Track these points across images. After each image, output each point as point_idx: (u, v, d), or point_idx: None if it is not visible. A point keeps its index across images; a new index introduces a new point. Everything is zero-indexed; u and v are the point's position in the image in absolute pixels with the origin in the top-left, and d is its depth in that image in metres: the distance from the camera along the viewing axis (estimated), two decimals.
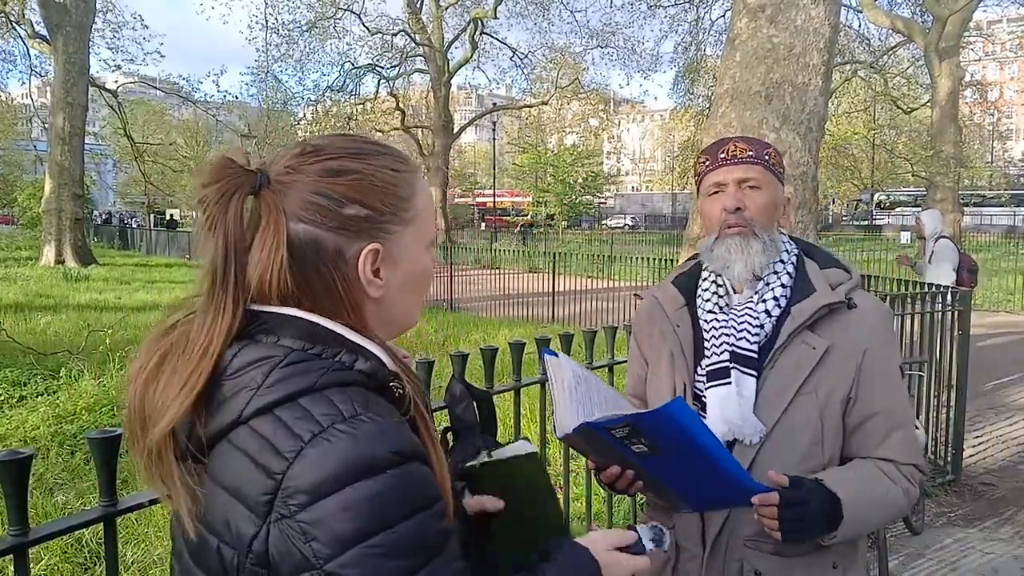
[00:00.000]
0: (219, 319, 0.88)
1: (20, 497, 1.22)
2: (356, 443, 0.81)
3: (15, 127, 43.80)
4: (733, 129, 5.75)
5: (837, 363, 1.48)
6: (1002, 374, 7.99)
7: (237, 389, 0.86)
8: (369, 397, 0.87)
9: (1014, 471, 5.30)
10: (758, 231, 1.52)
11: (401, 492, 0.82)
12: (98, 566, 3.36)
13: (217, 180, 0.90)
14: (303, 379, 0.85)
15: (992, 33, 47.31)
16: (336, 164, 0.93)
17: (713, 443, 1.23)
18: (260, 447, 0.82)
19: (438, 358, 2.90)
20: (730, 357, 1.50)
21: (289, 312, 0.90)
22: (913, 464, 1.51)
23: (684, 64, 30.35)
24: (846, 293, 1.52)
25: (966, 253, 7.47)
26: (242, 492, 0.83)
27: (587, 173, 43.42)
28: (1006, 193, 47.04)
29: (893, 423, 1.50)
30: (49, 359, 7.36)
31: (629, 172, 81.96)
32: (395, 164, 0.97)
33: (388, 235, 0.94)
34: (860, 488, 1.43)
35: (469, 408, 1.34)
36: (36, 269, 18.37)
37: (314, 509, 0.79)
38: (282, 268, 0.89)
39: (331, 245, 0.91)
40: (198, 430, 0.86)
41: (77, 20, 20.30)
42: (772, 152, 1.58)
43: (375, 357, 0.91)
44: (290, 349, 0.88)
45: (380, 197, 0.94)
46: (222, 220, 0.89)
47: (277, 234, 0.89)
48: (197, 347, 0.87)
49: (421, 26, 31.61)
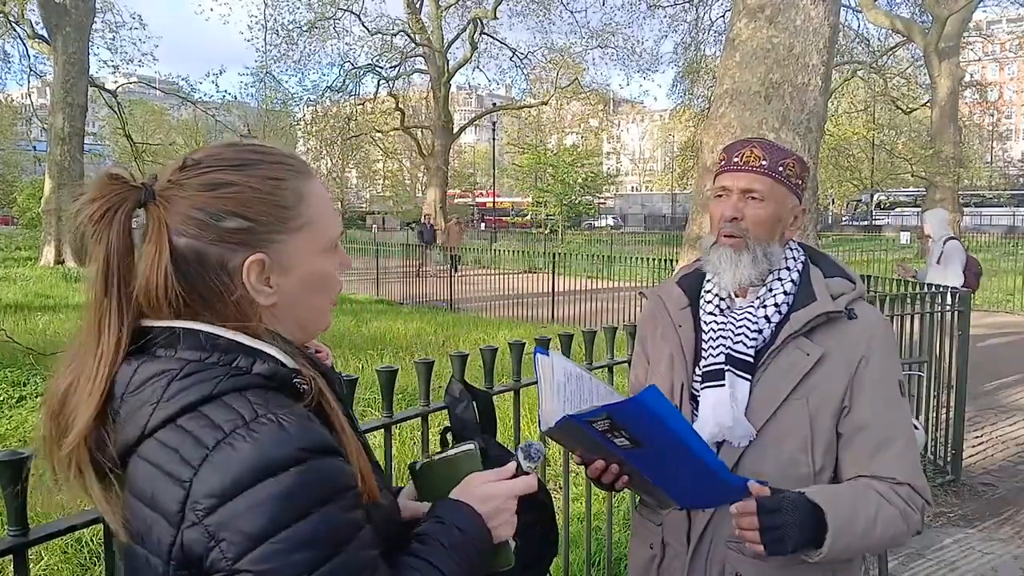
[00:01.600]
0: (108, 332, 0.91)
1: (20, 497, 1.22)
2: (258, 444, 0.84)
3: (14, 127, 43.79)
4: (733, 129, 5.75)
5: (831, 371, 1.48)
6: (1002, 374, 7.99)
7: (140, 404, 0.88)
8: (269, 397, 0.89)
9: (1014, 471, 5.30)
10: (751, 243, 1.53)
11: (306, 487, 0.84)
12: (98, 566, 3.36)
13: (102, 196, 0.93)
14: (201, 388, 0.88)
15: (992, 33, 47.31)
16: (214, 177, 0.94)
17: (687, 432, 1.24)
18: (168, 458, 0.85)
19: (438, 358, 2.90)
20: (725, 360, 1.52)
21: (183, 325, 0.92)
22: (909, 484, 1.46)
23: (684, 64, 30.37)
24: (847, 303, 1.52)
25: (973, 256, 7.42)
26: (157, 502, 0.86)
27: (587, 173, 43.39)
28: (1006, 193, 47.07)
29: (885, 437, 1.47)
30: (49, 359, 7.34)
31: (629, 172, 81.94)
32: (278, 173, 0.97)
33: (272, 244, 0.95)
34: (847, 502, 1.39)
35: (469, 408, 1.34)
36: (36, 269, 18.36)
37: (220, 512, 0.82)
38: (167, 280, 0.91)
39: (214, 258, 0.93)
40: (109, 448, 0.89)
41: (76, 20, 20.28)
42: (791, 162, 1.56)
43: (271, 358, 0.93)
44: (187, 360, 0.90)
45: (259, 208, 0.94)
46: (106, 234, 0.92)
47: (160, 247, 0.91)
48: (93, 362, 0.91)
49: (421, 26, 31.61)
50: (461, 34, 32.97)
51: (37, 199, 26.20)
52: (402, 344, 9.00)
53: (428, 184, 34.56)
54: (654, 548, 1.62)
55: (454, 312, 13.03)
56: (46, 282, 15.41)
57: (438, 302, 14.11)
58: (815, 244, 5.84)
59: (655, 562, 1.62)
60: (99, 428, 0.90)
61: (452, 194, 45.84)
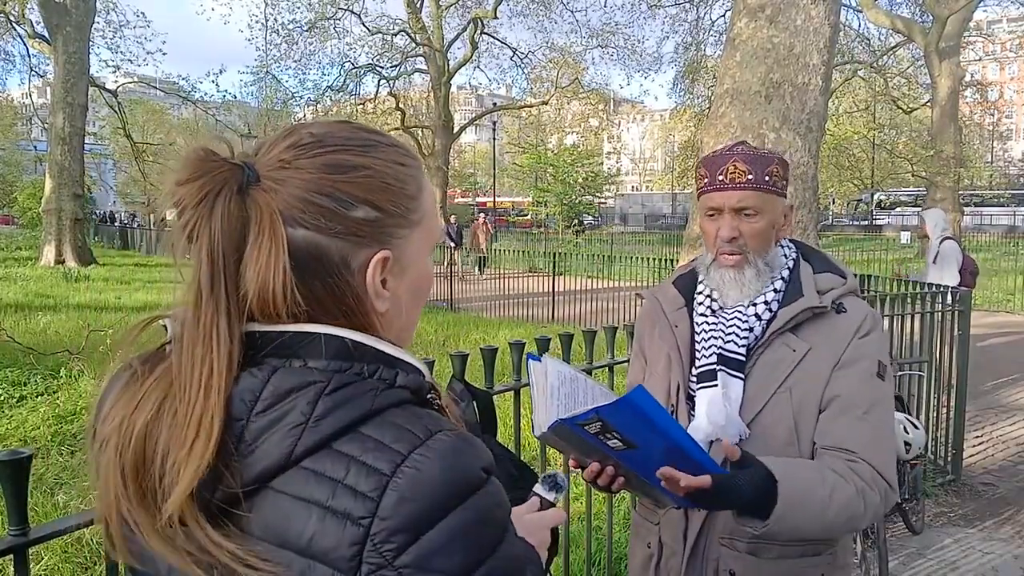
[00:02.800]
0: (215, 346, 0.73)
1: (20, 497, 1.22)
2: (445, 466, 0.70)
3: (15, 127, 43.79)
4: (733, 129, 5.75)
5: (816, 365, 1.49)
6: (1002, 374, 7.99)
7: (276, 427, 0.71)
8: (423, 413, 0.76)
9: (1014, 471, 5.30)
10: (752, 257, 1.54)
11: (493, 511, 0.73)
12: (98, 566, 3.37)
13: (197, 177, 0.75)
14: (358, 404, 0.73)
15: (992, 33, 47.32)
16: (340, 158, 0.78)
17: (677, 431, 1.25)
18: (330, 491, 0.69)
19: (438, 358, 2.90)
20: (717, 359, 1.54)
21: (309, 329, 0.76)
22: (870, 464, 1.42)
23: (684, 64, 30.36)
24: (835, 298, 1.53)
25: (969, 255, 7.45)
26: (317, 548, 0.69)
27: (587, 173, 43.39)
28: (1006, 193, 47.02)
29: (850, 405, 1.46)
30: (49, 359, 7.36)
31: (629, 172, 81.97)
32: (402, 158, 0.84)
33: (397, 240, 0.81)
34: (803, 478, 1.35)
35: (469, 408, 1.34)
36: (36, 269, 18.37)
37: (415, 549, 0.68)
38: (286, 281, 0.74)
39: (336, 253, 0.77)
40: (227, 481, 0.70)
41: (77, 20, 20.28)
42: (774, 169, 1.54)
43: (415, 369, 0.80)
44: (330, 372, 0.74)
45: (390, 197, 0.80)
46: (206, 226, 0.74)
47: (275, 241, 0.74)
48: (195, 384, 0.72)
49: (421, 26, 31.60)
50: (461, 34, 32.96)
51: (37, 199, 26.20)
52: None
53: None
54: (652, 547, 1.64)
55: (454, 312, 13.04)
56: (46, 282, 15.41)
57: (438, 302, 14.12)
58: (815, 244, 5.84)
59: (653, 561, 1.63)
60: (217, 459, 0.70)
61: (452, 193, 45.83)
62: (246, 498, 0.71)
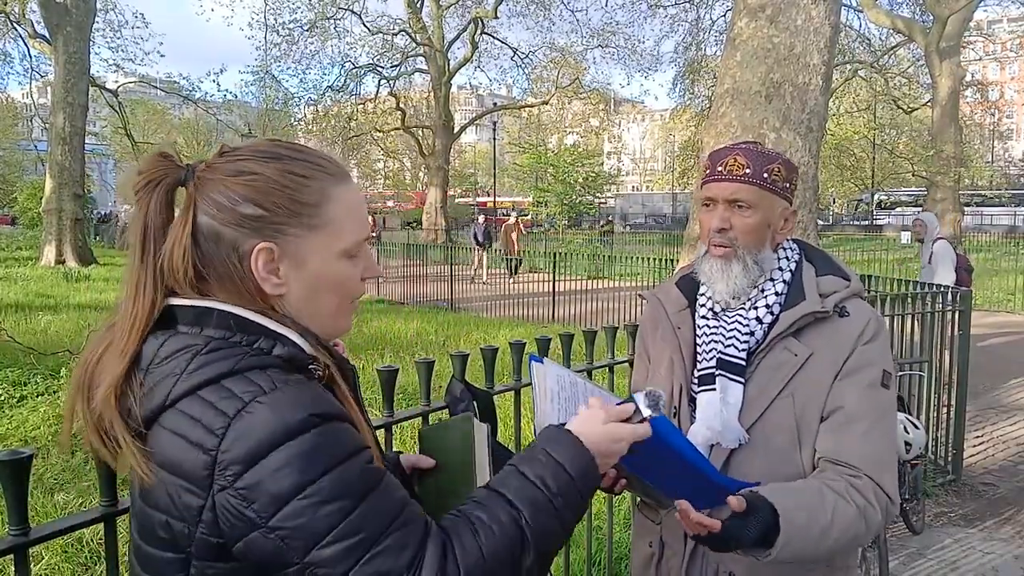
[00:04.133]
0: (142, 296, 0.97)
1: (20, 497, 1.22)
2: (277, 410, 0.89)
3: (15, 127, 43.81)
4: (733, 129, 5.75)
5: (818, 370, 1.47)
6: (1002, 374, 7.98)
7: (164, 375, 0.93)
8: (288, 375, 0.94)
9: (1014, 471, 5.29)
10: (740, 252, 1.52)
11: (325, 446, 0.90)
12: (98, 566, 3.37)
13: (148, 169, 0.99)
14: (224, 363, 0.93)
15: (992, 33, 47.31)
16: (243, 165, 0.99)
17: (675, 436, 1.24)
18: (191, 427, 0.90)
19: (438, 358, 2.90)
20: (716, 364, 1.52)
21: (209, 304, 0.98)
22: (872, 479, 1.41)
23: (684, 64, 30.36)
24: (838, 302, 1.51)
25: (961, 254, 7.55)
26: (183, 469, 0.90)
27: (587, 173, 43.37)
28: (1006, 193, 47.00)
29: (853, 418, 1.45)
30: (49, 359, 7.36)
31: (630, 172, 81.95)
32: (305, 171, 1.01)
33: (284, 236, 0.99)
34: (804, 504, 1.35)
35: (469, 408, 1.35)
36: (36, 269, 18.36)
37: (248, 476, 0.87)
38: (185, 253, 0.97)
39: (228, 239, 0.98)
40: (135, 412, 0.93)
41: (77, 20, 20.28)
42: (776, 167, 1.52)
43: (291, 342, 0.98)
44: (211, 338, 0.96)
45: (276, 199, 0.98)
46: (145, 205, 0.98)
47: (184, 222, 0.97)
48: (127, 323, 0.97)
49: (422, 26, 31.61)
50: (462, 34, 32.97)
51: (38, 199, 26.21)
52: (403, 344, 9.00)
53: (429, 184, 34.59)
54: (653, 546, 1.63)
55: (455, 312, 13.04)
56: (47, 282, 15.41)
57: (439, 302, 14.12)
58: (816, 244, 5.84)
59: (654, 560, 1.63)
60: (127, 393, 0.94)
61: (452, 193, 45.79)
62: (147, 428, 0.93)
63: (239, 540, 0.89)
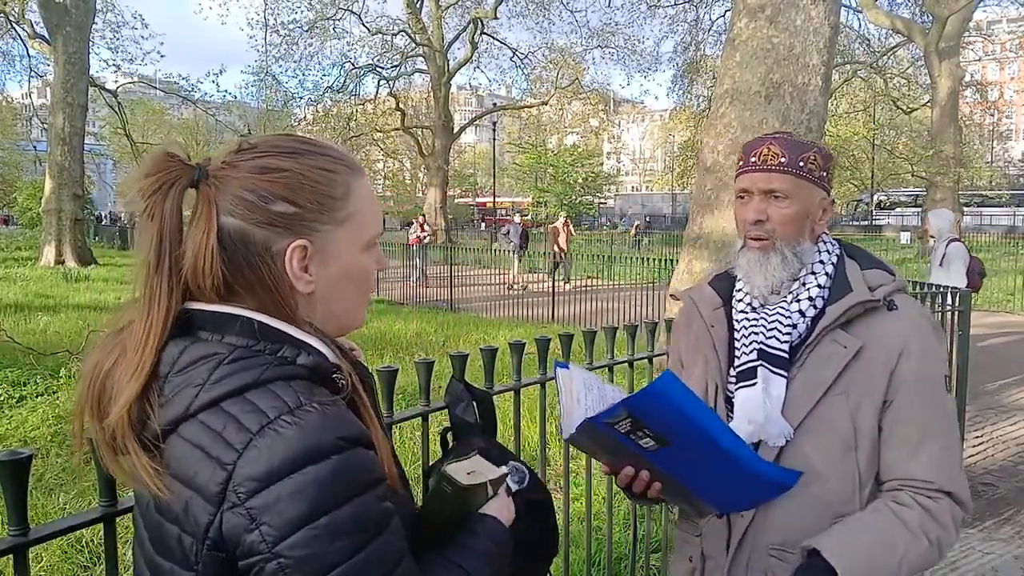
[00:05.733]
0: (157, 306, 0.92)
1: (20, 497, 1.21)
2: (302, 432, 0.85)
3: (15, 127, 43.76)
4: (733, 129, 5.75)
5: (870, 364, 1.41)
6: (1003, 374, 7.98)
7: (184, 385, 0.89)
8: (313, 388, 0.91)
9: (1014, 471, 5.29)
10: (779, 244, 1.48)
11: (345, 475, 0.86)
12: (98, 566, 3.36)
13: (157, 171, 0.93)
14: (248, 374, 0.89)
15: (992, 33, 47.30)
16: (267, 162, 0.96)
17: (709, 419, 1.21)
18: (212, 440, 0.86)
19: (438, 358, 2.90)
20: (758, 355, 1.46)
21: (231, 311, 0.94)
22: (945, 492, 1.37)
23: (683, 64, 30.37)
24: (886, 295, 1.46)
25: (976, 257, 7.44)
26: (197, 483, 0.86)
27: (587, 173, 43.40)
28: (1006, 193, 47.01)
29: (925, 436, 1.39)
30: (49, 359, 7.36)
31: (629, 172, 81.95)
32: (329, 164, 0.99)
33: (316, 232, 0.97)
34: (867, 552, 1.30)
35: (469, 408, 1.34)
36: (36, 269, 18.35)
37: (263, 495, 0.83)
38: (213, 259, 0.92)
39: (259, 240, 0.94)
40: (152, 424, 0.89)
41: (77, 20, 20.27)
42: (811, 155, 1.48)
43: (316, 351, 0.95)
44: (234, 346, 0.92)
45: (307, 195, 0.96)
46: (159, 210, 0.93)
47: (208, 226, 0.92)
48: (141, 335, 0.92)
49: (421, 26, 31.61)
50: (461, 34, 32.98)
51: (37, 199, 26.19)
52: (402, 344, 9.00)
53: (429, 184, 34.59)
54: (694, 561, 1.57)
55: (454, 312, 13.03)
56: (46, 282, 15.41)
57: (439, 302, 14.12)
58: None
59: (695, 574, 1.56)
60: (142, 404, 0.90)
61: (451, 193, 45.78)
62: (163, 438, 0.89)
63: (241, 561, 0.86)
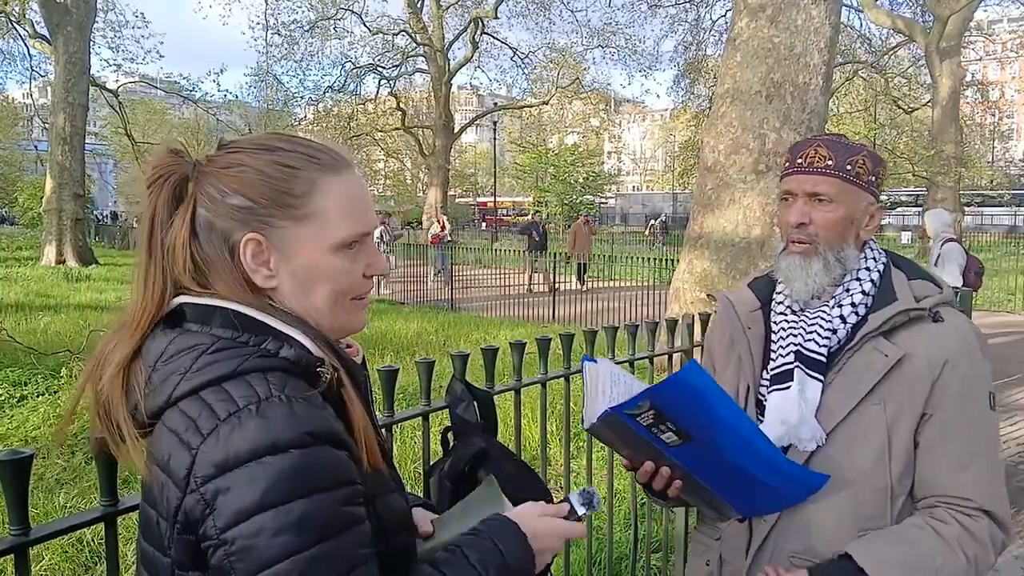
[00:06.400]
0: (151, 288, 0.98)
1: (21, 497, 1.22)
2: (266, 422, 0.86)
3: (16, 127, 43.80)
4: (734, 129, 5.75)
5: (911, 375, 1.37)
6: (1003, 374, 7.98)
7: (169, 373, 0.93)
8: (289, 381, 0.92)
9: (1014, 471, 5.30)
10: (822, 249, 1.45)
11: (305, 471, 0.86)
12: (99, 566, 3.37)
13: (157, 164, 1.01)
14: (227, 364, 0.92)
15: (993, 33, 47.29)
16: (235, 158, 1.00)
17: (734, 412, 1.19)
18: (186, 426, 0.89)
19: (439, 358, 2.89)
20: (795, 357, 1.44)
21: (218, 303, 0.97)
22: (985, 511, 1.34)
23: (684, 64, 30.37)
24: (932, 306, 1.42)
25: (973, 255, 7.42)
26: (170, 467, 0.89)
27: (588, 173, 43.40)
28: (1007, 193, 47.00)
29: (967, 452, 1.36)
30: (50, 359, 7.37)
31: (630, 172, 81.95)
32: (294, 161, 1.00)
33: (272, 228, 0.99)
34: (904, 562, 1.29)
35: (470, 408, 1.35)
36: (37, 269, 18.36)
37: (218, 481, 0.85)
38: (185, 246, 0.98)
39: (220, 230, 0.99)
40: (141, 407, 0.94)
41: (78, 20, 20.27)
42: (860, 160, 1.44)
43: (299, 344, 0.96)
44: (218, 337, 0.95)
45: (262, 191, 0.98)
46: (153, 198, 1.00)
47: (184, 215, 0.99)
48: (137, 312, 0.97)
49: (422, 26, 31.61)
50: (462, 34, 32.97)
51: (38, 199, 26.19)
52: (403, 344, 9.00)
53: (429, 184, 34.58)
54: (711, 565, 1.55)
55: (455, 312, 13.03)
56: (47, 282, 15.41)
57: (439, 301, 14.12)
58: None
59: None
60: (133, 389, 0.94)
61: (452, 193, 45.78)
62: (150, 426, 0.93)
63: (202, 544, 0.87)
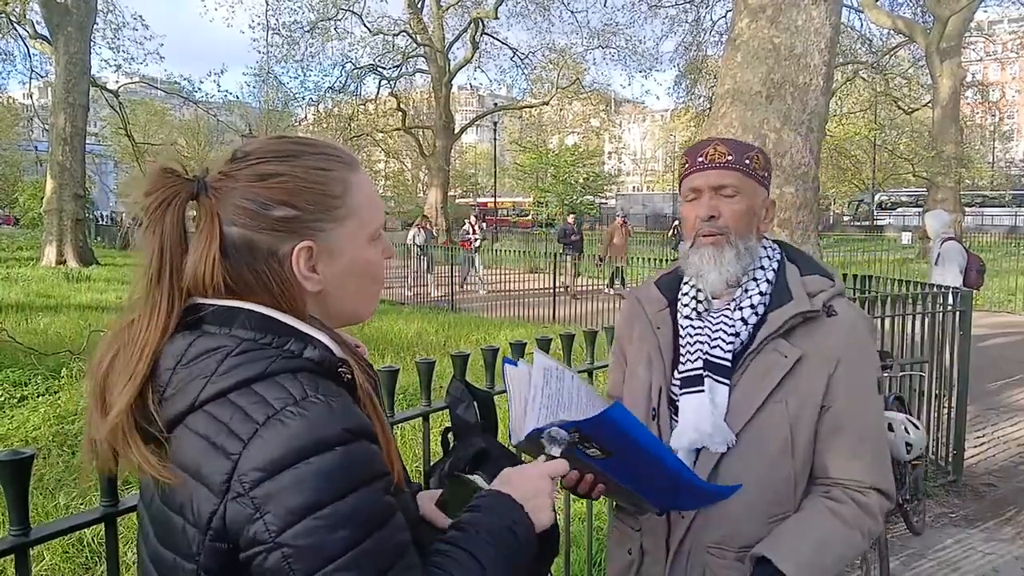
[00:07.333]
0: (155, 318, 0.94)
1: (21, 497, 1.22)
2: (308, 423, 0.86)
3: (16, 127, 43.80)
4: (734, 129, 5.75)
5: (809, 372, 1.46)
6: (1003, 374, 7.98)
7: (192, 377, 0.91)
8: (319, 381, 0.92)
9: (1015, 471, 5.29)
10: (732, 239, 1.50)
11: (349, 467, 0.87)
12: (99, 566, 3.37)
13: (157, 188, 0.96)
14: (255, 366, 0.90)
15: (993, 33, 47.26)
16: (263, 168, 0.97)
17: (657, 446, 1.23)
18: (218, 430, 0.87)
19: (439, 358, 2.90)
20: (703, 365, 1.49)
21: (238, 304, 0.95)
22: (877, 489, 1.47)
23: (684, 64, 30.38)
24: (825, 301, 1.50)
25: (974, 254, 7.43)
26: (202, 473, 0.87)
27: (588, 173, 43.37)
28: (1007, 193, 46.94)
29: (860, 439, 1.47)
30: (50, 359, 7.37)
31: (630, 172, 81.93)
32: (325, 163, 1.00)
33: (320, 232, 0.98)
34: (809, 550, 1.40)
35: (470, 408, 1.35)
36: (37, 269, 18.36)
37: (267, 485, 0.84)
38: (214, 268, 0.94)
39: (264, 246, 0.96)
40: (155, 416, 0.91)
41: (78, 20, 20.27)
42: (755, 155, 1.53)
43: (322, 345, 0.96)
44: (241, 339, 0.93)
45: (307, 197, 0.97)
46: (160, 226, 0.95)
47: (210, 236, 0.95)
48: (138, 345, 0.94)
49: (422, 26, 31.62)
50: (462, 34, 32.97)
51: (39, 199, 26.20)
52: (403, 344, 9.01)
53: (430, 184, 34.58)
54: (632, 554, 1.60)
55: (455, 312, 13.04)
56: (48, 282, 15.40)
57: (440, 301, 14.12)
58: (816, 244, 5.84)
59: (633, 568, 1.60)
60: (144, 398, 0.92)
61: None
62: (170, 430, 0.91)
63: (242, 553, 0.86)
